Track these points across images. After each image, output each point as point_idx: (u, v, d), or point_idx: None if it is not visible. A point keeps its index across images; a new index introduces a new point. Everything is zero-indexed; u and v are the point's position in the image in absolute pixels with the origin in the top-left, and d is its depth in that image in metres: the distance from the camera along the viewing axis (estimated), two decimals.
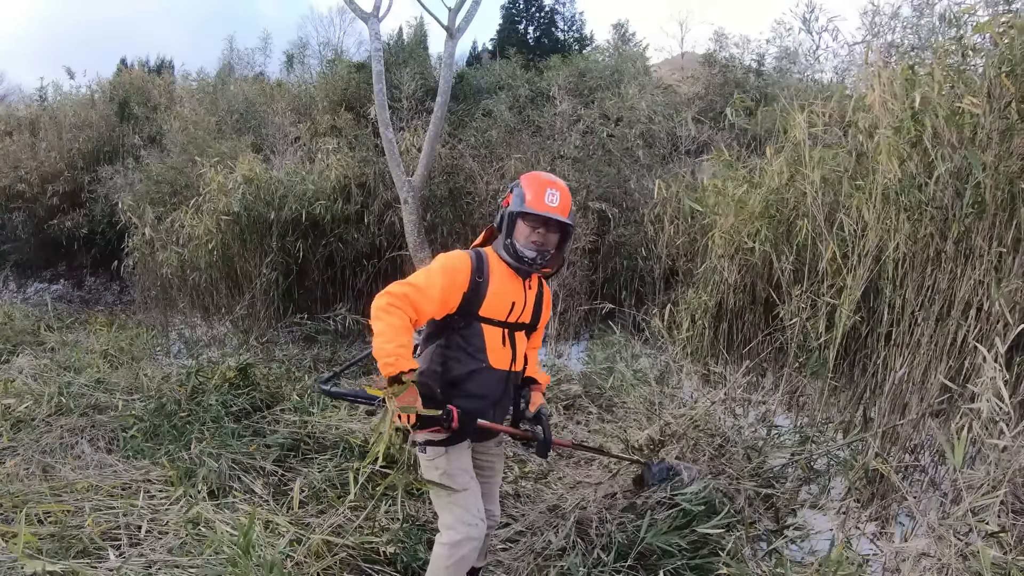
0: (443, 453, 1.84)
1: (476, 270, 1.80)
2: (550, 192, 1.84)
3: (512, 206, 1.85)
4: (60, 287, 9.51)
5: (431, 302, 1.74)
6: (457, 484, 1.83)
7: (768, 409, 3.44)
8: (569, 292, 5.35)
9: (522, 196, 1.84)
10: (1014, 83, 2.28)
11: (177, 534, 2.35)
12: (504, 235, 1.86)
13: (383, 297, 1.71)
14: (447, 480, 1.83)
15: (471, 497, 1.85)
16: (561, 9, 16.19)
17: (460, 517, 1.81)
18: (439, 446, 1.84)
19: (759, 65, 7.99)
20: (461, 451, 1.87)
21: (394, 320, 1.69)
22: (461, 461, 1.87)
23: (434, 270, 1.77)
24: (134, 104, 9.74)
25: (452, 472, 1.84)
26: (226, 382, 3.84)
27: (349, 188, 6.07)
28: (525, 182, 1.87)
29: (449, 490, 1.82)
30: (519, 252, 1.84)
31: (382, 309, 1.70)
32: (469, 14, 5.55)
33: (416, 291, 1.72)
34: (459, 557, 1.80)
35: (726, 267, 3.95)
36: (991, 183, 2.34)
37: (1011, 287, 2.29)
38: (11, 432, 3.39)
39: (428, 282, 1.74)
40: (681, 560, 2.20)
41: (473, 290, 1.79)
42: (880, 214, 2.72)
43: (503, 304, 1.85)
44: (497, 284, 1.83)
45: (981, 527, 1.88)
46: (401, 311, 1.70)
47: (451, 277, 1.77)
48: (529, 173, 1.92)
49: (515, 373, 1.94)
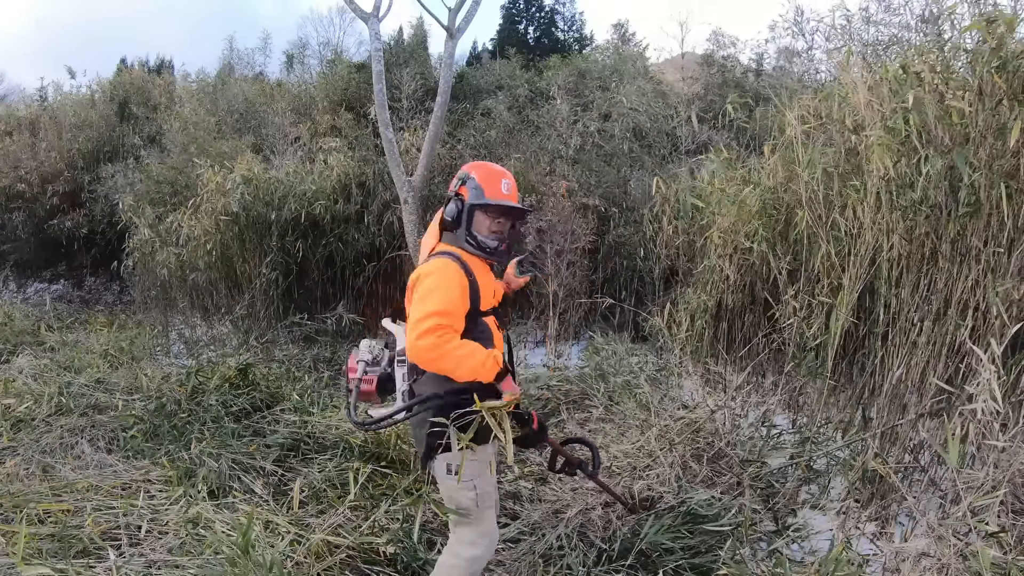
0: (479, 474, 1.82)
1: (466, 271, 1.81)
2: (504, 182, 1.89)
3: (471, 199, 1.86)
4: (60, 287, 9.50)
5: (460, 319, 1.75)
6: (487, 502, 1.85)
7: (768, 409, 3.44)
8: (569, 292, 5.35)
9: (479, 188, 1.86)
10: (1005, 80, 2.27)
11: (177, 534, 2.35)
12: (464, 228, 1.87)
13: (425, 339, 1.65)
14: (481, 501, 1.83)
15: (494, 513, 1.89)
16: (561, 9, 16.19)
17: (484, 533, 1.84)
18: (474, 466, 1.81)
19: (758, 65, 7.99)
20: (488, 464, 1.87)
21: (450, 347, 1.67)
22: (492, 479, 1.89)
23: (441, 289, 1.74)
24: (134, 104, 9.74)
25: (487, 491, 1.85)
26: (226, 382, 3.85)
27: (349, 188, 6.08)
28: (478, 174, 1.88)
29: (482, 508, 1.83)
30: (482, 243, 1.87)
31: (432, 350, 1.66)
32: (469, 14, 5.55)
33: (446, 316, 1.70)
34: (476, 571, 1.83)
35: (725, 267, 3.95)
36: (985, 182, 2.34)
37: (1007, 286, 2.29)
38: (11, 432, 3.39)
39: (447, 302, 1.72)
40: (681, 559, 2.20)
41: (473, 289, 1.81)
42: (874, 214, 2.72)
43: (490, 292, 1.92)
44: (482, 277, 1.87)
45: (981, 527, 1.88)
46: (448, 338, 1.68)
47: (459, 286, 1.78)
48: (475, 164, 1.94)
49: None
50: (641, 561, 2.24)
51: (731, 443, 3.02)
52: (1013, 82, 2.28)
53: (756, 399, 3.65)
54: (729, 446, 2.99)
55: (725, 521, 2.37)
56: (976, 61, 2.37)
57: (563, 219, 5.17)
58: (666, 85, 7.80)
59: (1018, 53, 2.27)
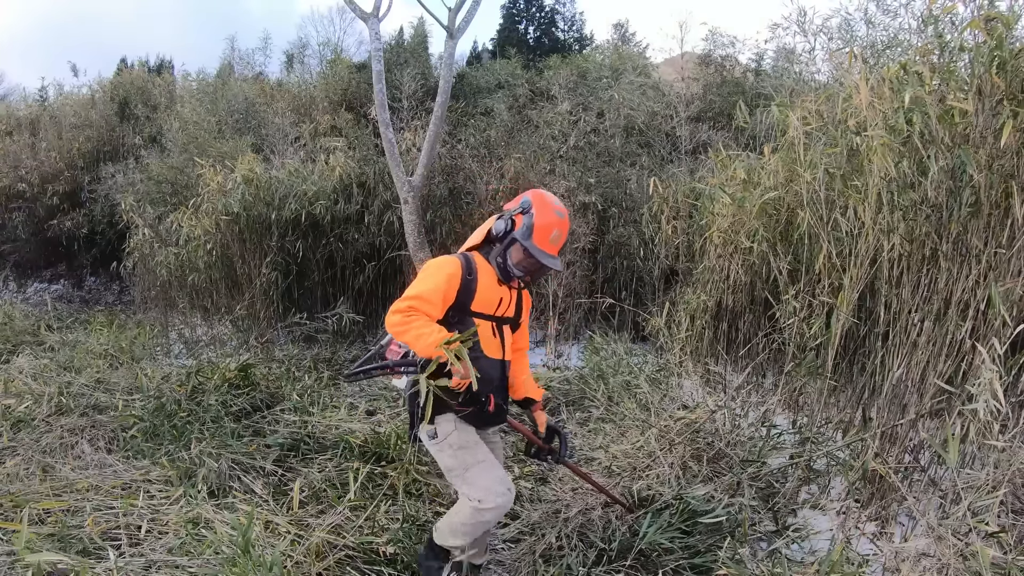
0: (453, 429, 1.93)
1: (466, 270, 1.93)
2: (556, 234, 1.97)
3: (519, 233, 1.96)
4: (60, 287, 9.51)
5: (434, 305, 1.87)
6: (473, 457, 1.92)
7: (768, 409, 3.44)
8: (569, 292, 5.35)
9: (531, 228, 1.95)
10: (1004, 79, 2.27)
11: (177, 534, 2.35)
12: (502, 248, 2.00)
13: (393, 315, 1.84)
14: (463, 454, 1.92)
15: (493, 468, 1.94)
16: (561, 9, 16.17)
17: (489, 487, 1.88)
18: (446, 424, 1.93)
19: (758, 65, 7.99)
20: (467, 428, 1.97)
21: (413, 322, 1.82)
22: (471, 435, 1.97)
23: (428, 274, 1.91)
24: (134, 104, 9.74)
25: (466, 444, 1.93)
26: (226, 382, 3.85)
27: (350, 188, 6.08)
28: (538, 210, 1.96)
29: (465, 463, 1.90)
30: (508, 269, 2.00)
31: (399, 324, 1.83)
32: (469, 14, 5.55)
33: (420, 301, 1.85)
34: (482, 520, 1.90)
35: (725, 267, 3.95)
36: (985, 182, 2.33)
37: (1008, 286, 2.29)
38: (11, 432, 3.39)
39: (426, 287, 1.87)
40: (681, 559, 2.20)
41: (465, 287, 1.93)
42: (875, 214, 2.72)
43: (492, 299, 2.00)
44: (485, 282, 1.98)
45: (981, 527, 1.88)
46: (416, 317, 1.83)
47: (445, 277, 1.90)
48: (542, 197, 2.01)
49: (507, 362, 2.09)
50: (641, 561, 2.24)
51: (731, 443, 3.02)
52: (1012, 82, 2.28)
53: (756, 399, 3.65)
54: (729, 446, 2.99)
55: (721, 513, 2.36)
56: (976, 61, 2.37)
57: None
58: (665, 84, 7.79)
59: (1016, 52, 2.26)
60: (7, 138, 9.75)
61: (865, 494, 2.56)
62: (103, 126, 9.49)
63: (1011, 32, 2.33)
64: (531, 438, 2.21)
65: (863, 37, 5.52)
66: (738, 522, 2.41)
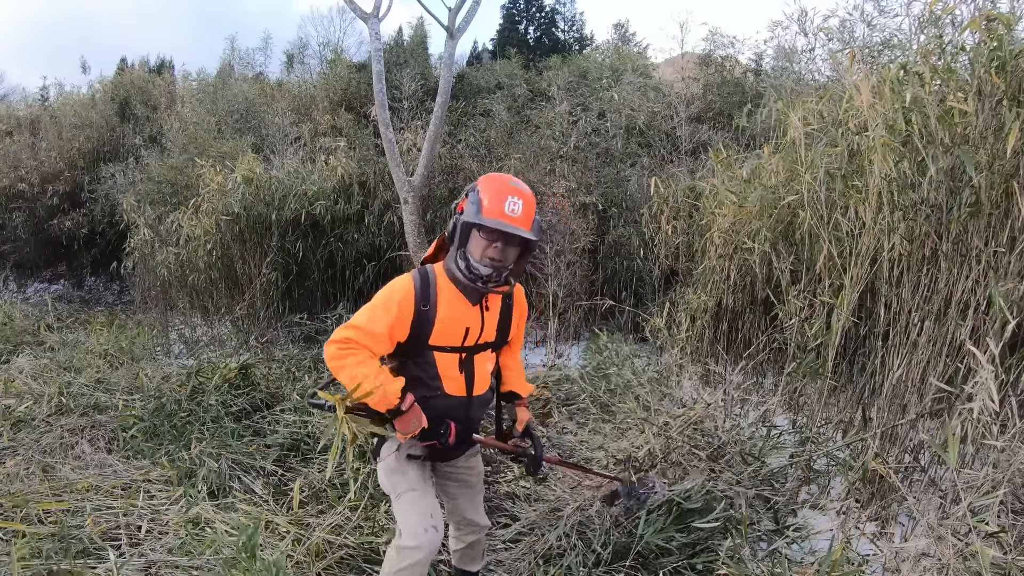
0: (393, 451, 1.74)
1: (421, 298, 1.63)
2: (511, 200, 1.61)
3: (466, 214, 1.62)
4: (60, 287, 9.51)
5: (377, 338, 1.61)
6: (405, 484, 1.71)
7: (768, 409, 3.44)
8: (569, 292, 5.35)
9: (479, 204, 1.61)
10: (1004, 80, 2.27)
11: (177, 534, 2.35)
12: (456, 246, 1.65)
13: (330, 347, 1.60)
14: (395, 477, 1.72)
15: (422, 502, 1.70)
16: (561, 9, 16.19)
17: (411, 524, 1.67)
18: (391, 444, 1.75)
19: (757, 65, 7.98)
20: (412, 458, 1.76)
21: (348, 358, 1.58)
22: (412, 464, 1.75)
23: (377, 306, 1.63)
24: (135, 104, 9.75)
25: (400, 470, 1.73)
26: (226, 382, 3.84)
27: (350, 188, 6.08)
28: (483, 186, 1.64)
29: (396, 489, 1.72)
30: (472, 268, 1.63)
31: (333, 358, 1.59)
32: (469, 14, 5.55)
33: (361, 333, 1.59)
34: (407, 565, 1.64)
35: (725, 267, 3.95)
36: (985, 182, 2.33)
37: (1008, 286, 2.29)
38: (11, 432, 3.40)
39: (372, 321, 1.60)
40: (680, 559, 2.20)
41: (420, 318, 1.63)
42: (875, 214, 2.72)
43: (455, 330, 1.68)
44: (446, 310, 1.66)
45: (981, 527, 1.88)
46: (352, 352, 1.58)
47: (395, 311, 1.61)
48: (489, 175, 1.69)
49: (477, 397, 1.78)
50: (640, 562, 2.24)
51: (730, 443, 3.02)
52: (1012, 82, 2.28)
53: (756, 399, 3.65)
54: (728, 445, 2.99)
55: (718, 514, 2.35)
56: (976, 61, 2.37)
57: (563, 219, 5.17)
58: (665, 85, 7.79)
59: (1016, 53, 2.26)
60: (7, 138, 9.75)
61: (865, 494, 2.56)
62: (103, 126, 9.49)
63: (1011, 32, 2.33)
64: (500, 447, 2.00)
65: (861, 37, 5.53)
66: (738, 521, 2.40)
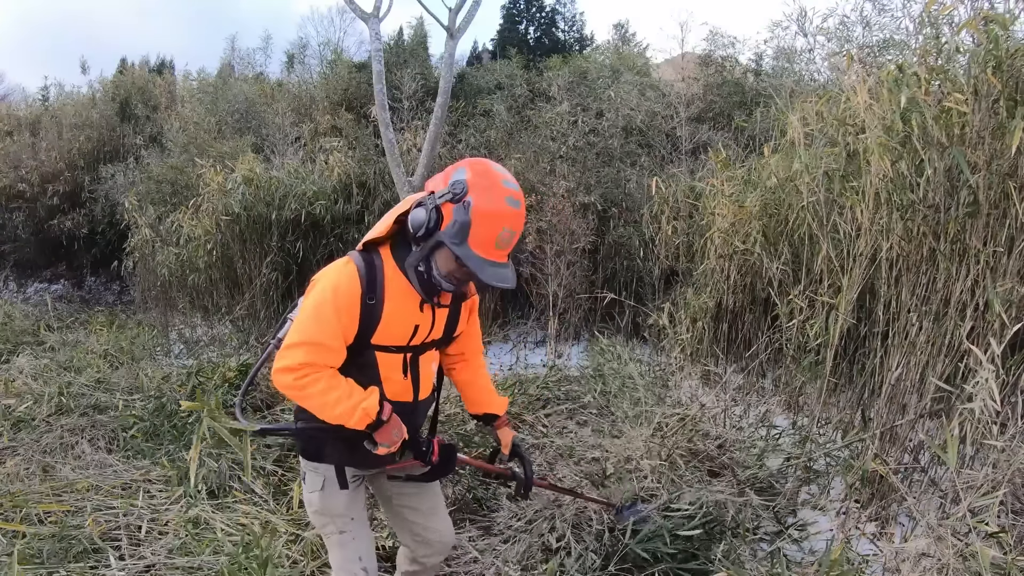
0: (318, 489, 1.52)
1: (367, 291, 1.37)
2: (505, 233, 1.32)
3: (448, 232, 1.30)
4: (60, 287, 9.51)
5: (337, 353, 1.39)
6: (334, 526, 1.55)
7: (768, 410, 3.44)
8: (569, 292, 5.35)
9: (466, 227, 1.29)
10: (1000, 79, 2.27)
11: (177, 534, 2.35)
12: (422, 253, 1.36)
13: (283, 376, 1.38)
14: (323, 520, 1.56)
15: (352, 544, 1.55)
16: (562, 9, 16.21)
17: (341, 565, 1.56)
18: (314, 478, 1.54)
19: (757, 65, 7.98)
20: (335, 491, 1.53)
21: (314, 390, 1.36)
22: (338, 499, 1.54)
23: (323, 311, 1.36)
24: (135, 104, 9.75)
25: (328, 511, 1.54)
26: (226, 382, 3.85)
27: (350, 188, 6.09)
28: (479, 196, 1.30)
29: (325, 531, 1.58)
30: (434, 281, 1.39)
31: (295, 389, 1.38)
32: (469, 14, 5.55)
33: (317, 351, 1.36)
34: None
35: (725, 267, 3.95)
36: (983, 182, 2.33)
37: (1006, 286, 2.29)
38: (11, 432, 3.40)
39: (324, 332, 1.36)
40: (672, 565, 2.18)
41: (366, 313, 1.38)
42: (873, 214, 2.72)
43: (402, 328, 1.44)
44: (394, 305, 1.41)
45: (981, 527, 1.88)
46: (314, 378, 1.37)
47: (345, 309, 1.37)
48: (487, 174, 1.34)
49: (422, 402, 1.58)
50: (636, 563, 2.23)
51: (730, 443, 3.02)
52: (1009, 81, 2.28)
53: (756, 399, 3.65)
54: (728, 446, 2.99)
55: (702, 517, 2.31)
56: (972, 61, 2.37)
57: (563, 219, 5.17)
58: (666, 85, 7.79)
59: (1013, 52, 2.26)
60: (7, 138, 9.76)
61: (865, 494, 2.56)
62: (103, 126, 9.49)
63: (1008, 32, 2.33)
64: (487, 469, 1.87)
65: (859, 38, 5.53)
66: (737, 524, 2.40)
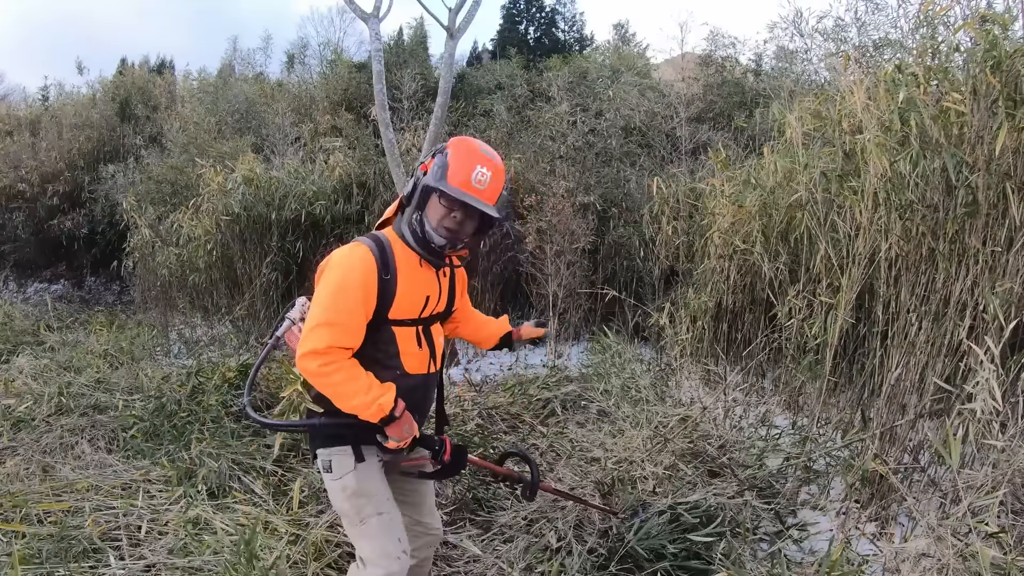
0: (351, 470, 1.54)
1: (381, 267, 1.47)
2: (479, 170, 1.48)
3: (429, 176, 1.48)
4: (60, 287, 9.52)
5: (357, 333, 1.45)
6: (372, 507, 1.54)
7: (768, 410, 3.44)
8: (569, 292, 5.36)
9: (444, 168, 1.48)
10: (999, 79, 2.26)
11: (177, 534, 2.35)
12: (413, 208, 1.52)
13: (309, 361, 1.41)
14: (360, 502, 1.54)
15: (392, 525, 1.55)
16: (562, 9, 16.21)
17: (381, 549, 1.52)
18: (344, 460, 1.55)
19: (757, 65, 7.99)
20: (372, 467, 1.57)
21: (338, 378, 1.42)
22: (374, 479, 1.56)
23: (342, 291, 1.44)
24: (135, 104, 9.76)
25: (365, 491, 1.54)
26: (226, 382, 3.85)
27: (350, 188, 6.09)
28: (453, 150, 1.50)
29: (361, 513, 1.54)
30: (427, 235, 1.51)
31: (320, 376, 1.42)
32: (469, 14, 5.55)
33: (339, 332, 1.42)
34: None
35: (725, 267, 3.95)
36: (983, 182, 2.33)
37: (1005, 286, 2.29)
38: (11, 432, 3.40)
39: (344, 311, 1.43)
40: (674, 563, 2.19)
41: (383, 289, 1.47)
42: (872, 214, 2.72)
43: (416, 301, 1.54)
44: (407, 279, 1.51)
45: (981, 527, 1.88)
46: (338, 364, 1.42)
47: (362, 287, 1.45)
48: (462, 138, 1.55)
49: (433, 375, 1.66)
50: (636, 562, 2.23)
51: (730, 443, 3.02)
52: (1007, 81, 2.28)
53: (756, 399, 3.65)
54: (728, 446, 2.99)
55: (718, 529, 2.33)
56: (971, 60, 2.36)
57: (563, 219, 5.18)
58: (665, 85, 7.80)
59: (1011, 52, 2.26)
60: (7, 138, 9.76)
61: (865, 494, 2.56)
62: (103, 126, 9.50)
63: (1006, 32, 2.32)
64: (495, 471, 1.96)
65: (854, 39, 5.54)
66: (736, 524, 2.40)
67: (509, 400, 3.95)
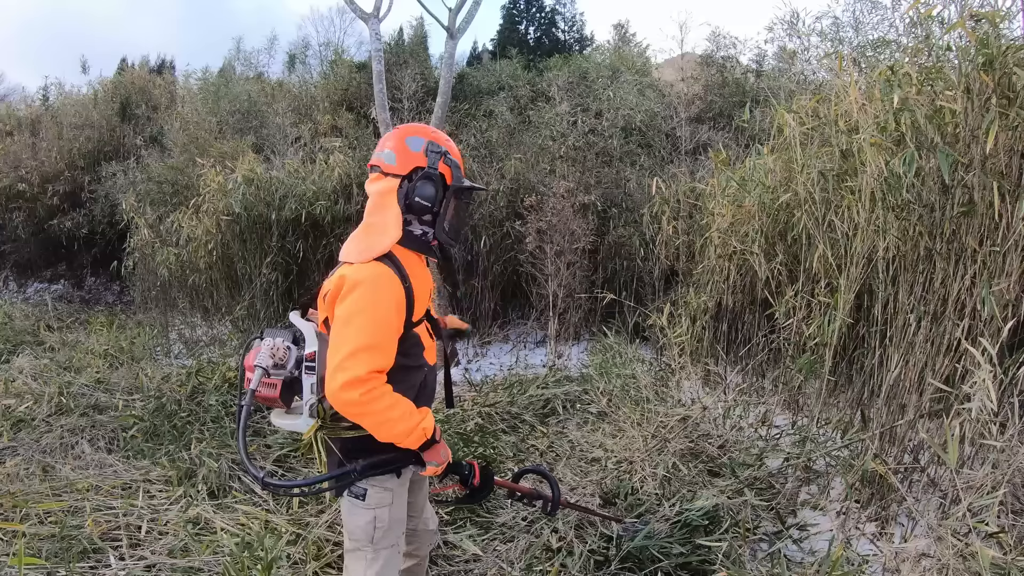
0: (388, 504, 1.51)
1: (401, 277, 1.45)
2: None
3: (456, 180, 1.53)
4: (60, 287, 9.51)
5: (393, 350, 1.42)
6: (388, 540, 1.53)
7: (768, 410, 3.44)
8: (569, 292, 5.36)
9: (457, 167, 1.52)
10: (992, 77, 2.26)
11: (177, 534, 2.35)
12: (444, 213, 1.53)
13: (351, 392, 1.33)
14: (379, 534, 1.51)
15: (396, 556, 1.57)
16: (562, 9, 16.23)
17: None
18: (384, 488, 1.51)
19: (758, 65, 7.99)
20: (403, 498, 1.57)
21: (379, 406, 1.37)
22: (403, 510, 1.58)
23: (373, 306, 1.39)
24: (135, 104, 9.76)
25: (392, 525, 1.54)
26: (226, 382, 3.85)
27: (350, 188, 6.09)
28: (448, 148, 1.55)
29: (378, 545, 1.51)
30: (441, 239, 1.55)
31: (360, 405, 1.35)
32: (469, 14, 5.55)
33: (380, 356, 1.38)
34: None
35: (725, 267, 3.95)
36: (979, 182, 2.33)
37: (1002, 285, 2.29)
38: (11, 432, 3.40)
39: (377, 330, 1.39)
40: (674, 563, 2.19)
41: (408, 298, 1.45)
42: (869, 214, 2.72)
43: (426, 297, 1.59)
44: (418, 280, 1.51)
45: (981, 527, 1.88)
46: (380, 387, 1.37)
47: (395, 304, 1.42)
48: (432, 131, 1.55)
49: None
50: (636, 562, 2.24)
51: (730, 443, 3.02)
52: (1001, 80, 2.27)
53: (755, 399, 3.65)
54: (728, 446, 2.99)
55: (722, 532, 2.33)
56: (963, 58, 2.36)
57: (563, 219, 5.18)
58: (665, 85, 7.80)
59: (1004, 50, 2.26)
60: (7, 138, 9.76)
61: (865, 494, 2.56)
62: (104, 126, 9.50)
63: (998, 30, 2.32)
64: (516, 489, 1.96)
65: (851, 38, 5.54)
66: (736, 524, 2.40)
67: (509, 400, 3.95)
